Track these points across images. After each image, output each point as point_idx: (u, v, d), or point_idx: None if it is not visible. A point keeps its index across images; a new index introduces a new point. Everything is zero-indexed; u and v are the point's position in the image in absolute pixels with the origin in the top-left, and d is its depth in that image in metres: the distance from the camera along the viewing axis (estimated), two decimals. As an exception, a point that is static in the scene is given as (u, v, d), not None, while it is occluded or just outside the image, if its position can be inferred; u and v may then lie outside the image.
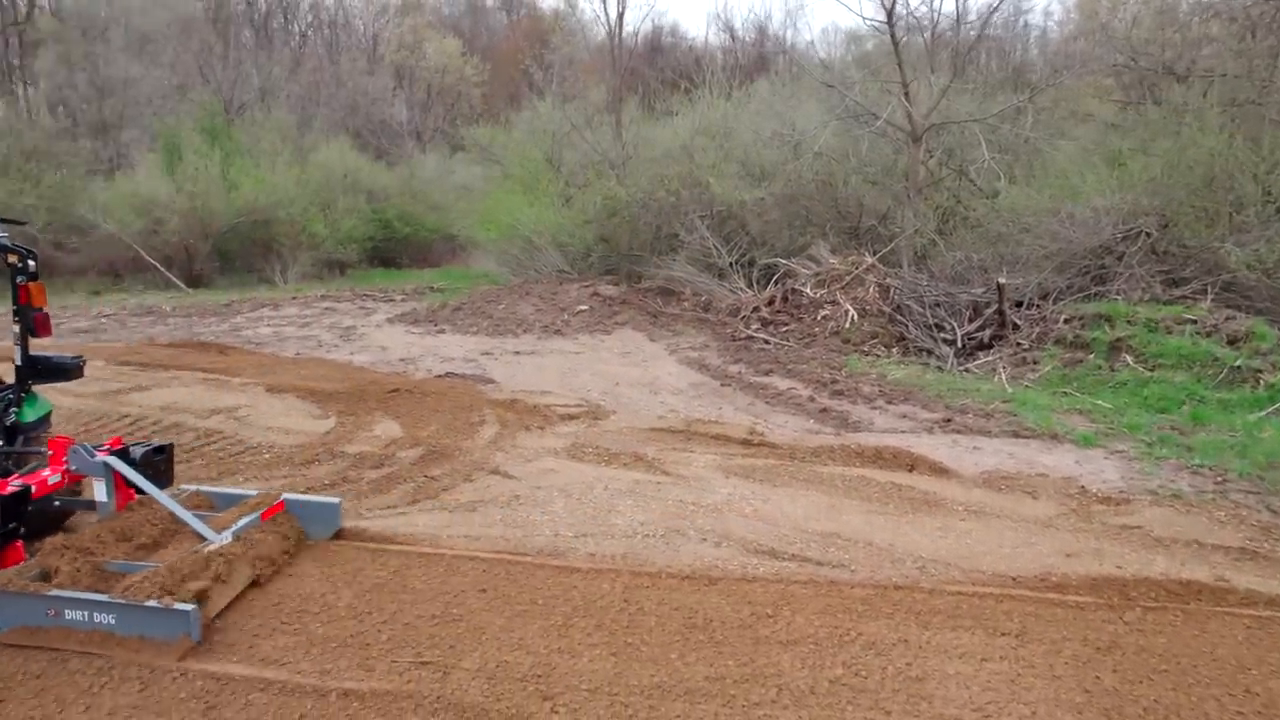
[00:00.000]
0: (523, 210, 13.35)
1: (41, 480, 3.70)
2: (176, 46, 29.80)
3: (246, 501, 4.02)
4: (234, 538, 3.60)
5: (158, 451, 4.16)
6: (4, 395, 4.17)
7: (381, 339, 10.44)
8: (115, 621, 3.11)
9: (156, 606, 3.08)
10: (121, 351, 9.40)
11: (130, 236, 16.04)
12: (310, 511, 4.10)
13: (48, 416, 4.38)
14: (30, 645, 3.13)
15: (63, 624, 3.14)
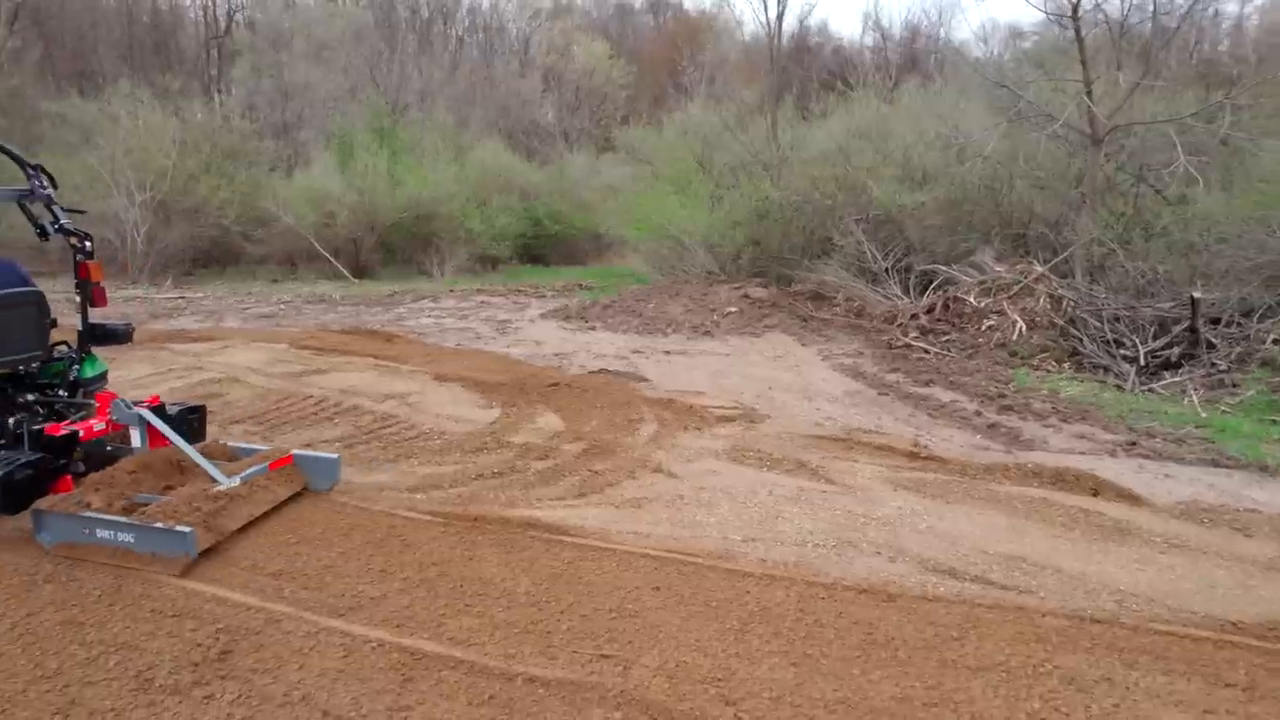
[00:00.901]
0: (675, 211, 13.41)
1: (89, 426, 4.43)
2: (349, 52, 31.73)
3: (258, 454, 4.68)
4: (241, 482, 4.25)
5: (191, 411, 4.97)
6: (68, 356, 4.82)
7: (535, 334, 10.73)
8: (134, 540, 3.79)
9: (164, 528, 3.75)
10: (300, 336, 10.08)
11: (305, 229, 17.21)
12: (313, 465, 4.74)
13: (104, 374, 5.01)
14: (71, 558, 3.84)
15: (95, 541, 3.84)
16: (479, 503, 4.61)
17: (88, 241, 4.83)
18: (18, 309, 4.47)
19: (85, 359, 4.89)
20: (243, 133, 19.91)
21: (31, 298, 4.58)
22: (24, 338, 4.49)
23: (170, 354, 9.04)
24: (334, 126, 22.67)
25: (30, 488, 4.02)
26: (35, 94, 24.20)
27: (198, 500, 4.01)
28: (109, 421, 4.52)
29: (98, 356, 4.99)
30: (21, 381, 4.56)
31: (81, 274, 4.80)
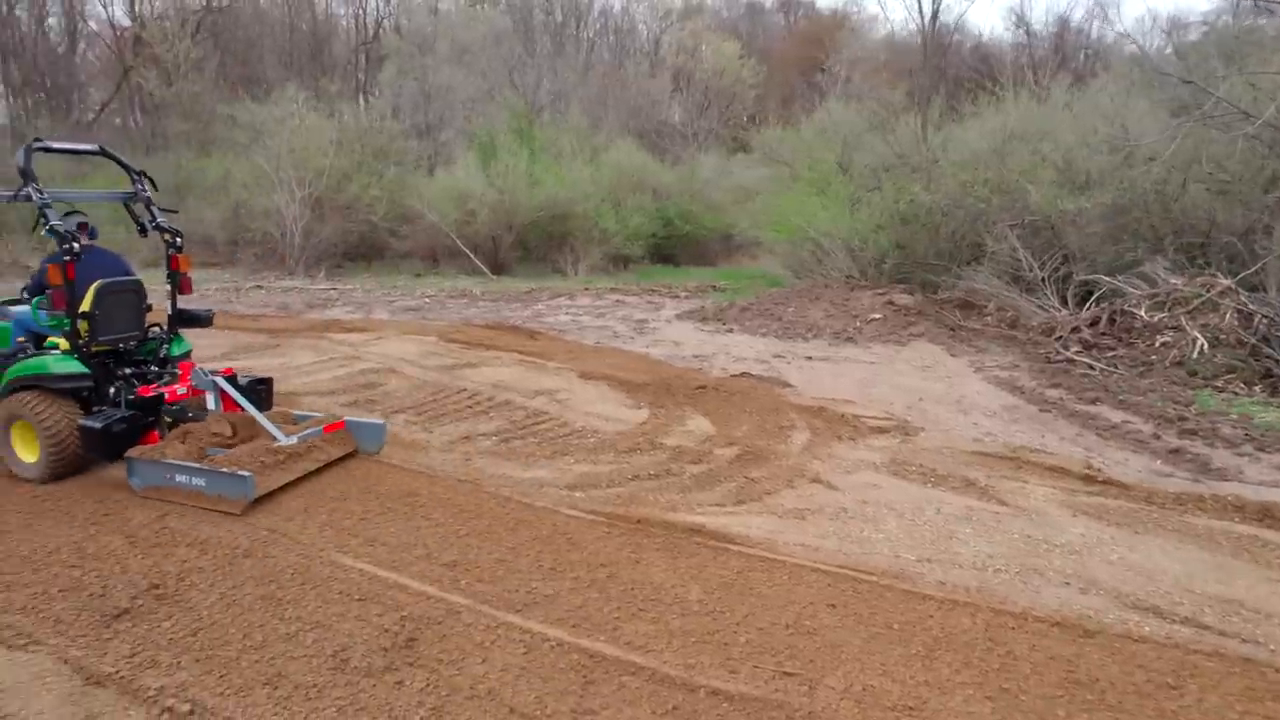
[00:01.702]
0: (816, 213, 13.13)
1: (173, 390, 5.26)
2: (488, 56, 32.74)
3: (313, 419, 5.35)
4: (298, 440, 4.90)
5: (260, 382, 5.70)
6: (160, 336, 5.65)
7: (673, 334, 10.72)
8: (204, 483, 4.46)
9: (228, 473, 4.41)
10: (447, 330, 10.42)
11: (448, 226, 17.85)
12: (362, 430, 5.39)
13: (188, 352, 5.78)
14: (156, 498, 4.53)
15: (174, 484, 4.54)
16: (640, 505, 4.60)
17: (178, 237, 5.59)
18: (121, 296, 5.22)
19: (174, 339, 5.71)
20: (391, 133, 20.85)
21: (132, 286, 5.34)
22: (125, 320, 5.28)
23: (329, 343, 9.52)
24: (475, 127, 23.45)
25: (125, 438, 4.82)
26: (212, 99, 26.12)
27: (259, 454, 4.69)
28: (190, 387, 5.31)
29: (183, 336, 5.79)
30: (122, 357, 5.36)
31: (172, 265, 5.58)
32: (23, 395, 4.90)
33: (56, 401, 4.88)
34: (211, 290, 15.14)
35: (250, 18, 39.55)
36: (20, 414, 4.85)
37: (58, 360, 4.95)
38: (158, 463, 4.60)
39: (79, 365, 4.97)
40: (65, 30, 38.12)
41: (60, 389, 4.92)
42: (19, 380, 4.97)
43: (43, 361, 4.95)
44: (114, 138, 32.09)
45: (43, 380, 4.91)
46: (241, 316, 11.98)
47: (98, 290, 5.00)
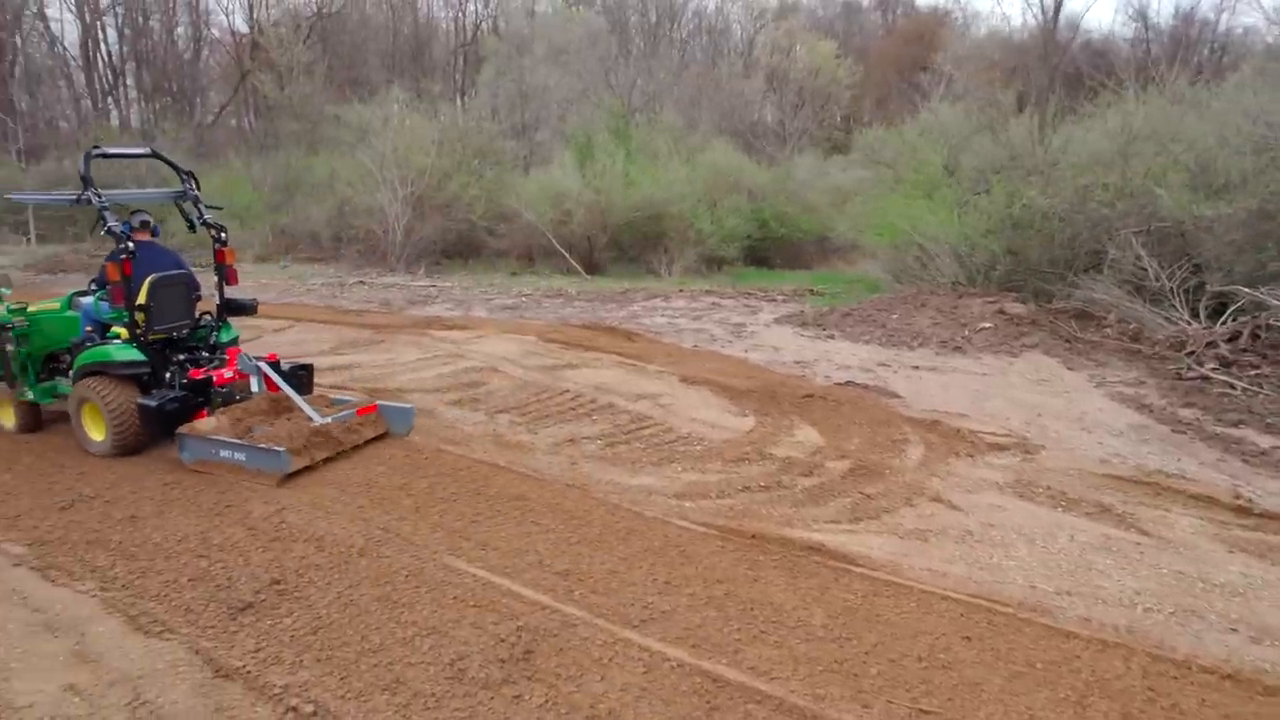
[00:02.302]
0: (922, 216, 12.66)
1: (220, 374, 5.61)
2: (584, 56, 32.98)
3: (348, 403, 5.78)
4: (332, 421, 5.29)
5: (301, 368, 6.06)
6: (209, 324, 6.05)
7: (772, 339, 10.49)
8: (245, 458, 4.88)
9: (265, 449, 4.80)
10: (546, 330, 10.45)
11: (544, 226, 17.99)
12: (393, 414, 5.81)
13: (236, 339, 6.15)
14: (202, 471, 4.98)
15: (219, 459, 4.98)
16: (753, 518, 4.44)
17: (223, 233, 6.05)
18: (174, 288, 5.68)
19: (222, 326, 6.13)
20: (490, 133, 21.18)
21: (183, 279, 5.78)
22: (177, 311, 5.74)
23: (432, 340, 9.66)
24: (569, 128, 23.61)
25: (177, 417, 5.27)
26: (320, 100, 27.12)
27: (294, 432, 5.06)
28: (236, 371, 5.68)
29: (230, 324, 6.20)
30: (175, 344, 5.82)
31: (219, 259, 6.04)
32: (90, 380, 5.42)
33: (119, 385, 5.38)
34: (317, 285, 15.66)
35: (356, 22, 40.98)
36: (88, 396, 5.38)
37: (119, 348, 5.44)
38: (204, 438, 5.07)
39: (137, 353, 5.44)
40: (191, 38, 40.32)
41: (121, 374, 5.41)
42: (87, 366, 5.48)
43: (106, 350, 5.45)
44: (230, 138, 33.72)
45: (107, 367, 5.41)
46: (346, 312, 12.32)
47: (152, 284, 5.43)
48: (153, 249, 5.76)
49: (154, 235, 5.89)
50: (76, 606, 3.44)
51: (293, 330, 10.72)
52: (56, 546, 4.00)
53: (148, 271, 5.45)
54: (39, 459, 5.36)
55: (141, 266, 5.43)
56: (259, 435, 5.07)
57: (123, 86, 39.05)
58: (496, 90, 31.01)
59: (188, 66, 39.31)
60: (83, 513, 4.41)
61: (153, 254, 5.69)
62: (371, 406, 5.74)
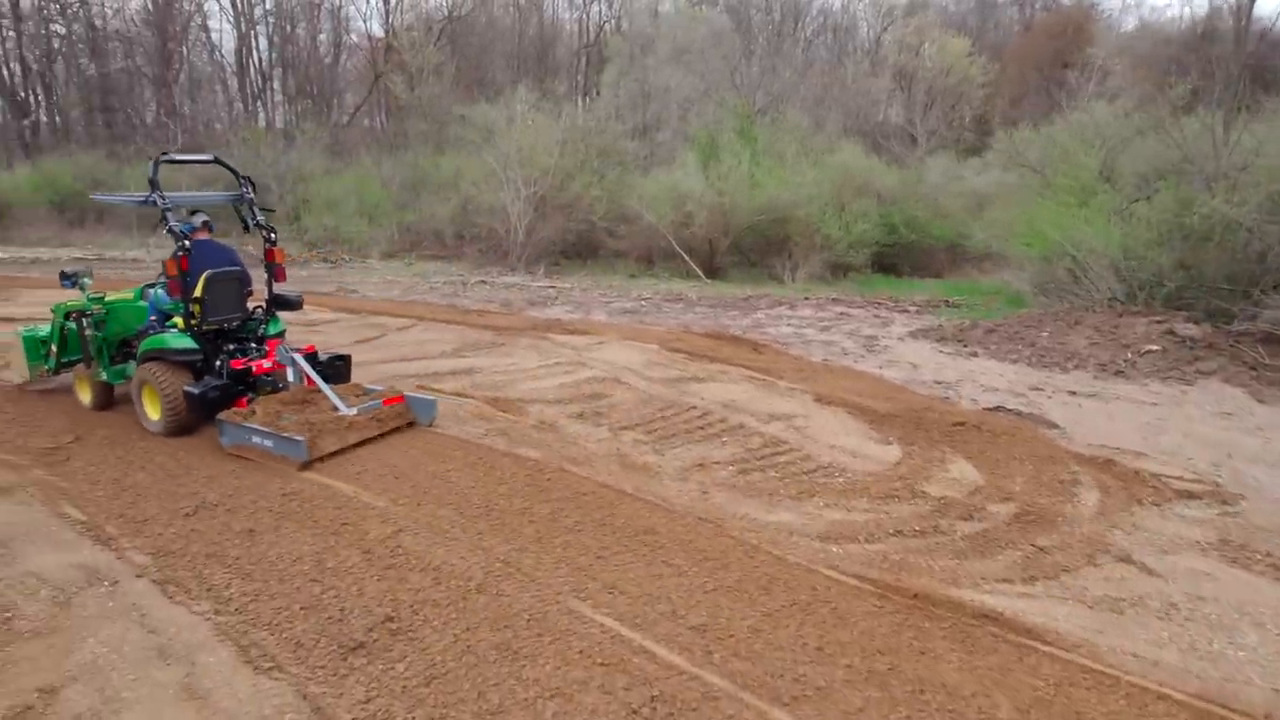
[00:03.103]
0: (1075, 225, 11.59)
1: (259, 364, 6.04)
2: (707, 55, 32.55)
3: (375, 393, 6.07)
4: (358, 412, 5.61)
5: (339, 359, 6.48)
6: (258, 317, 6.39)
7: (908, 355, 9.78)
8: (272, 445, 5.21)
9: (287, 437, 5.12)
10: (668, 337, 10.10)
11: (664, 227, 17.69)
12: (418, 405, 6.07)
13: (282, 332, 6.49)
14: (238, 455, 5.36)
15: (251, 444, 5.32)
16: (911, 572, 3.91)
17: (273, 233, 6.41)
18: (227, 284, 6.06)
19: (270, 319, 6.46)
20: (614, 134, 21.04)
21: (236, 274, 6.16)
22: (229, 304, 6.13)
23: (552, 345, 9.46)
24: (691, 128, 23.23)
25: (217, 403, 5.69)
26: (448, 101, 27.74)
27: (319, 421, 5.40)
28: (274, 362, 6.05)
29: (279, 317, 6.54)
30: (226, 335, 6.24)
31: (269, 258, 6.39)
32: (149, 365, 5.92)
33: (173, 371, 5.86)
34: (439, 283, 15.85)
35: (484, 25, 41.94)
36: (147, 379, 5.88)
37: (175, 337, 5.90)
38: (240, 425, 5.39)
39: (191, 341, 5.89)
40: (332, 43, 42.29)
41: (177, 360, 5.88)
42: (148, 352, 5.98)
43: (163, 338, 5.92)
44: (363, 138, 35.02)
45: (164, 353, 5.88)
46: (467, 312, 12.33)
47: (207, 279, 5.86)
48: (211, 246, 6.20)
49: (210, 232, 6.32)
50: (190, 631, 3.28)
51: (416, 329, 10.75)
52: (177, 558, 3.89)
53: (204, 267, 5.89)
54: (171, 459, 5.36)
55: (199, 262, 5.89)
56: (285, 424, 5.35)
57: (270, 90, 41.26)
58: (618, 90, 30.98)
59: (327, 70, 41.15)
60: (205, 521, 4.31)
61: (210, 251, 6.14)
62: (398, 397, 6.03)
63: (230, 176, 6.59)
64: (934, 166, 23.96)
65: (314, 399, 5.77)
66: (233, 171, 6.58)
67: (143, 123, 36.67)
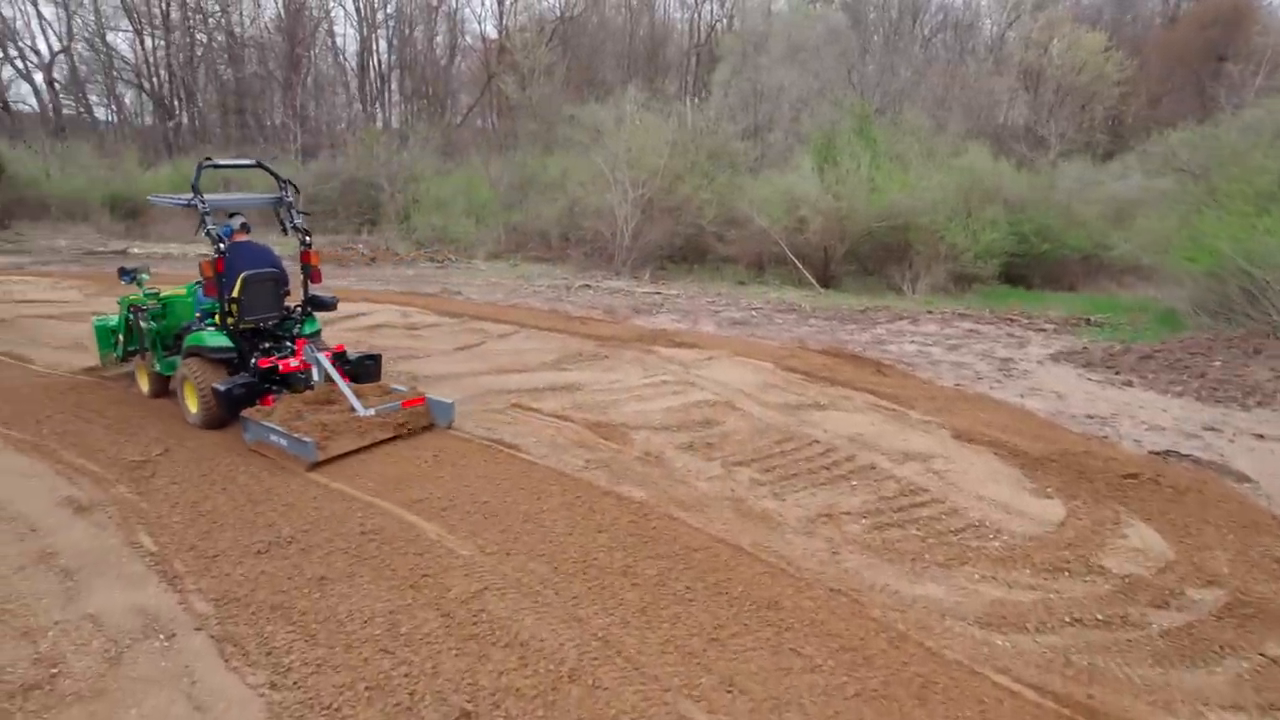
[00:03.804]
0: (1254, 238, 10.22)
1: (286, 363, 6.12)
2: (822, 54, 31.41)
3: (396, 393, 6.15)
4: (375, 413, 5.66)
5: (369, 358, 6.61)
6: (294, 316, 6.55)
7: (1051, 381, 8.75)
8: (286, 444, 5.25)
9: (298, 438, 5.16)
10: (781, 354, 9.38)
11: (776, 232, 16.89)
12: (437, 408, 6.11)
13: (317, 332, 6.64)
14: (259, 452, 5.49)
15: (270, 442, 5.41)
16: (1106, 684, 3.13)
17: (308, 236, 6.53)
18: (265, 283, 6.22)
19: (305, 319, 6.61)
20: (725, 135, 20.32)
21: (274, 275, 6.32)
22: (266, 304, 6.27)
23: (658, 359, 8.89)
24: (804, 128, 22.28)
25: (242, 400, 5.82)
26: (558, 101, 27.68)
27: (334, 422, 5.51)
28: (301, 360, 6.18)
29: (314, 317, 6.68)
30: (262, 333, 6.40)
31: (304, 259, 6.46)
32: (190, 360, 6.20)
33: (210, 367, 6.08)
34: (542, 287, 15.54)
35: (595, 25, 41.97)
36: (186, 374, 6.16)
37: (212, 334, 6.14)
38: (260, 423, 5.50)
39: (227, 339, 6.13)
40: (447, 45, 43.24)
41: (213, 358, 6.10)
42: (189, 348, 6.26)
43: (201, 335, 6.17)
44: (474, 138, 35.49)
45: (201, 350, 6.13)
46: (570, 318, 11.91)
47: (245, 279, 6.05)
48: (249, 248, 6.39)
49: (246, 233, 6.51)
50: (240, 709, 2.84)
51: (516, 336, 10.40)
52: (241, 607, 3.50)
53: (242, 268, 6.08)
54: (253, 480, 5.05)
55: (237, 263, 6.08)
56: (303, 424, 5.43)
57: (388, 91, 42.49)
58: (728, 90, 30.22)
59: (442, 72, 42.04)
60: (276, 561, 3.93)
61: (248, 252, 6.33)
62: (419, 399, 6.11)
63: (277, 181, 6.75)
64: (1068, 171, 22.24)
65: (338, 398, 5.91)
66: (274, 175, 6.77)
67: (272, 123, 38.32)
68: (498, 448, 5.64)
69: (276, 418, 5.50)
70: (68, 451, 5.57)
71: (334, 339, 9.75)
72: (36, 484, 4.94)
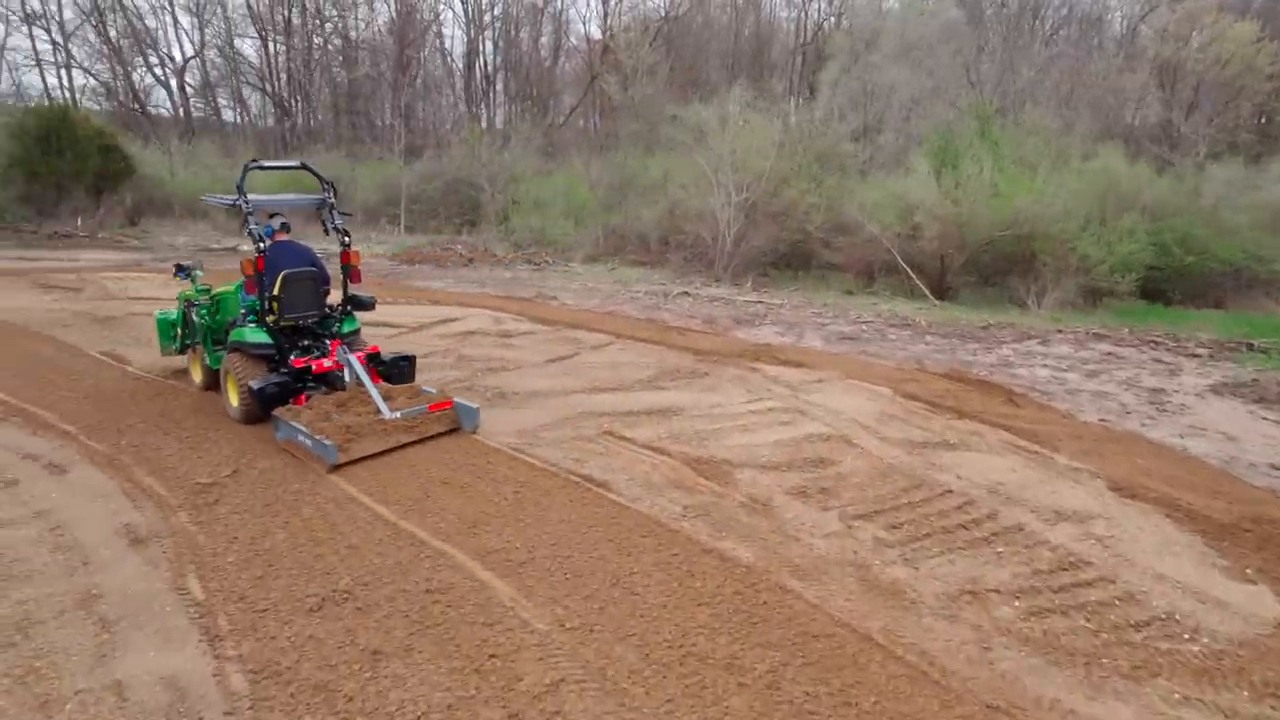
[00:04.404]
0: None
1: (319, 363, 6.17)
2: (937, 51, 29.86)
3: (424, 396, 6.18)
4: (401, 416, 5.78)
5: (403, 359, 6.59)
6: (335, 315, 6.59)
7: (1216, 419, 7.62)
8: (310, 445, 5.40)
9: (320, 440, 5.30)
10: (899, 377, 8.54)
11: (888, 239, 15.88)
12: (463, 412, 6.16)
13: (357, 330, 6.69)
14: (288, 450, 5.60)
15: (297, 441, 5.54)
16: None
17: (348, 236, 6.61)
18: (304, 282, 6.26)
19: (345, 318, 6.66)
20: (835, 136, 19.33)
21: (314, 274, 6.37)
22: (306, 302, 6.31)
23: (762, 379, 8.21)
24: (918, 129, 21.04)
25: (275, 398, 5.86)
26: (661, 101, 27.20)
27: (358, 424, 5.56)
28: (335, 361, 6.23)
29: (354, 316, 6.73)
30: (301, 331, 6.44)
31: (344, 260, 6.55)
32: (232, 355, 6.39)
33: (250, 362, 6.24)
34: (640, 292, 15.01)
35: (700, 24, 41.37)
36: (228, 369, 6.37)
37: (252, 331, 6.27)
38: (289, 423, 5.58)
39: (266, 336, 6.25)
40: (552, 46, 43.47)
41: (253, 354, 6.23)
42: (232, 344, 6.43)
43: (243, 331, 6.31)
44: (575, 138, 35.40)
45: (242, 346, 6.28)
46: (668, 328, 11.32)
47: (285, 277, 6.13)
48: (291, 247, 6.52)
49: (286, 232, 6.62)
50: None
51: (612, 348, 9.88)
52: (281, 686, 3.03)
53: (283, 266, 6.20)
54: (318, 515, 4.63)
55: (278, 262, 6.23)
56: (329, 425, 5.51)
57: (493, 92, 42.96)
58: (836, 89, 29.05)
59: (546, 73, 42.22)
60: (328, 622, 3.45)
61: (290, 251, 6.46)
62: (446, 402, 6.15)
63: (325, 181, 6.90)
64: (1215, 175, 20.29)
65: (368, 399, 5.97)
66: (317, 176, 6.93)
67: (381, 123, 39.26)
68: (586, 485, 5.08)
69: (305, 418, 5.61)
70: (140, 468, 5.31)
71: (424, 346, 9.48)
72: (101, 507, 4.66)
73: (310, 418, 5.61)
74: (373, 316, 11.05)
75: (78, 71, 37.13)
